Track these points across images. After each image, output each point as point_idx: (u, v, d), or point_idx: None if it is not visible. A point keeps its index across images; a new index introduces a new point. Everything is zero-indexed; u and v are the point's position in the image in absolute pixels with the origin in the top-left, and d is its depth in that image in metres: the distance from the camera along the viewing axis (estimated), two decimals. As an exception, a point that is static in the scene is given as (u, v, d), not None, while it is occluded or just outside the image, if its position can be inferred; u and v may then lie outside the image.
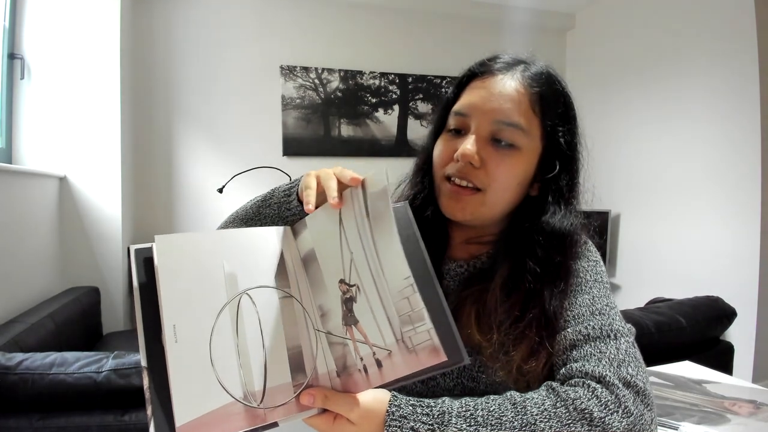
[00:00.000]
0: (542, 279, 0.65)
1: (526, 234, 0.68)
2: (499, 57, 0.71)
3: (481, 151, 0.66)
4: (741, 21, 2.49)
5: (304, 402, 0.50)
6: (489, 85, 0.68)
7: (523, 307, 0.64)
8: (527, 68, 0.69)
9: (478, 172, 0.66)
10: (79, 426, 1.11)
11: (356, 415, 0.50)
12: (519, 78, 0.68)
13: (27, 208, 2.10)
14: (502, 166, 0.66)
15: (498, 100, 0.66)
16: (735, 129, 2.54)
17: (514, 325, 0.63)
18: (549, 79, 0.69)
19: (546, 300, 0.63)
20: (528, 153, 0.68)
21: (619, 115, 3.29)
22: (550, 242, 0.67)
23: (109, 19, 2.49)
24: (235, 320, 0.51)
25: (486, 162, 0.66)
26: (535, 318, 0.63)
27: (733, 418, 0.82)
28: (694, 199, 2.77)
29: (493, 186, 0.67)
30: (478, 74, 0.70)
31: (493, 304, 0.65)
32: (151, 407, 0.45)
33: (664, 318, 1.63)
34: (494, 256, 0.72)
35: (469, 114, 0.68)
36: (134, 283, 0.50)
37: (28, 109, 2.34)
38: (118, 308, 2.58)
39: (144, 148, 2.96)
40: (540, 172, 0.70)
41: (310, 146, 3.30)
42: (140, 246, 0.51)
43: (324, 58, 3.30)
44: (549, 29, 3.72)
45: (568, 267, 0.67)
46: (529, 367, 0.61)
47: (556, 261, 0.66)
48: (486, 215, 0.70)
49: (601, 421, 0.50)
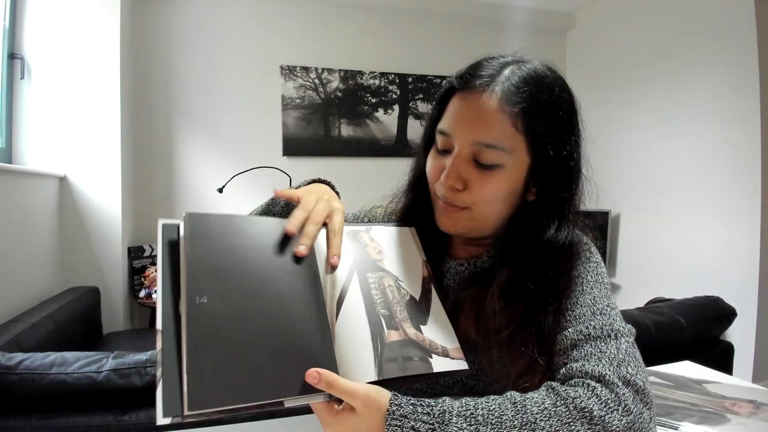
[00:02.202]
0: (538, 296, 0.65)
1: (522, 245, 0.68)
2: (480, 68, 0.67)
3: (464, 172, 0.66)
4: (741, 21, 2.49)
5: (309, 380, 0.50)
6: (469, 104, 0.66)
7: (520, 322, 0.64)
8: (512, 75, 0.65)
9: (461, 194, 0.67)
10: (79, 426, 1.11)
11: (359, 403, 0.50)
12: (499, 93, 0.64)
13: (27, 208, 2.10)
14: (485, 186, 0.66)
15: (477, 120, 0.65)
16: (735, 129, 2.55)
17: (511, 340, 0.64)
18: (535, 86, 0.65)
19: (542, 319, 0.64)
20: (513, 168, 0.66)
21: (619, 115, 3.29)
22: (544, 257, 0.66)
23: (109, 19, 2.49)
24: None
25: (468, 183, 0.66)
26: (531, 336, 0.63)
27: (733, 418, 0.82)
28: (694, 199, 2.78)
29: (478, 204, 0.67)
30: (458, 89, 0.68)
31: (491, 311, 0.66)
32: (161, 369, 0.46)
33: (664, 318, 1.63)
34: (493, 259, 0.72)
35: (451, 134, 0.67)
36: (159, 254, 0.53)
37: (28, 109, 2.34)
38: (118, 308, 2.58)
39: (144, 148, 2.96)
40: (533, 180, 0.68)
41: (310, 146, 3.30)
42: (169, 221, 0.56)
43: (324, 58, 3.30)
44: (549, 29, 3.72)
45: (561, 281, 0.66)
46: (524, 381, 0.62)
47: (550, 277, 0.66)
48: (479, 228, 0.70)
49: (601, 419, 0.50)
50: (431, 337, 0.60)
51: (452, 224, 0.70)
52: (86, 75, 2.46)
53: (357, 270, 0.63)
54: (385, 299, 0.61)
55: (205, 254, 0.52)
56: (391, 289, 0.63)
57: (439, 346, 0.59)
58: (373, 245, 0.67)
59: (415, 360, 0.56)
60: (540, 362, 0.62)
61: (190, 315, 0.48)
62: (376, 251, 0.67)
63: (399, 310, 0.61)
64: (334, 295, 0.58)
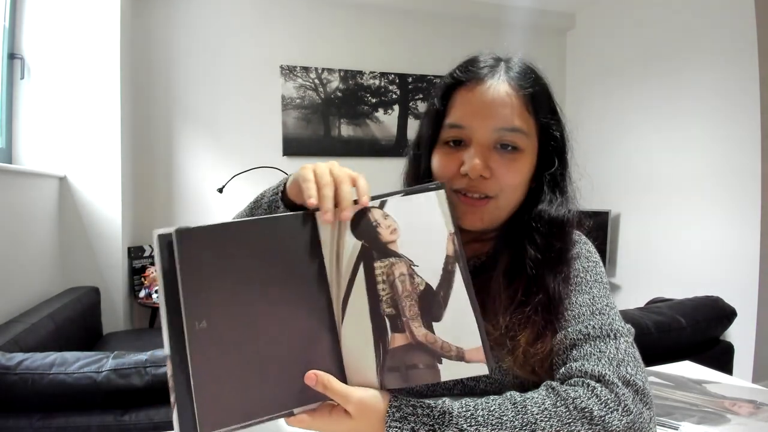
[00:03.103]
0: (544, 264, 0.66)
1: (525, 223, 0.70)
2: (478, 60, 0.71)
3: (488, 160, 0.67)
4: (741, 21, 2.49)
5: (307, 381, 0.50)
6: (481, 93, 0.67)
7: (527, 292, 0.65)
8: (509, 67, 0.70)
9: (488, 182, 0.67)
10: (79, 426, 1.11)
11: (353, 407, 0.50)
12: (506, 80, 0.68)
13: (27, 208, 2.10)
14: (510, 171, 0.67)
15: (495, 107, 0.66)
16: (735, 129, 2.55)
17: (519, 309, 0.64)
18: (534, 75, 0.70)
19: (549, 284, 0.65)
20: (529, 152, 0.69)
21: (620, 114, 3.29)
22: (549, 229, 0.69)
23: (109, 19, 2.49)
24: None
25: (494, 170, 0.67)
26: (540, 302, 0.64)
27: (733, 418, 0.82)
28: (694, 199, 2.77)
29: (505, 191, 0.68)
30: (463, 82, 0.69)
31: (497, 290, 0.66)
32: (174, 395, 0.47)
33: (664, 318, 1.63)
34: (496, 248, 0.73)
35: (467, 125, 0.67)
36: (158, 271, 0.50)
37: (28, 109, 2.34)
38: (118, 308, 2.58)
39: (144, 148, 2.96)
40: (537, 166, 0.71)
41: (310, 146, 3.30)
42: (164, 230, 0.50)
43: (324, 58, 3.30)
44: (549, 29, 3.72)
45: (567, 253, 0.69)
46: (535, 350, 0.62)
47: (557, 247, 0.68)
48: (500, 218, 0.71)
49: (601, 419, 0.50)
50: (444, 337, 0.52)
51: (479, 219, 0.69)
52: (86, 75, 2.45)
53: (364, 260, 0.55)
54: (394, 294, 0.53)
55: (201, 275, 0.49)
56: (402, 279, 0.54)
57: (453, 348, 0.51)
58: (387, 223, 0.56)
59: (420, 368, 0.51)
60: (551, 327, 0.63)
61: (191, 341, 0.48)
62: (390, 230, 0.56)
63: (408, 306, 0.53)
64: (339, 295, 0.54)
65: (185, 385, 0.47)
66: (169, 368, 0.47)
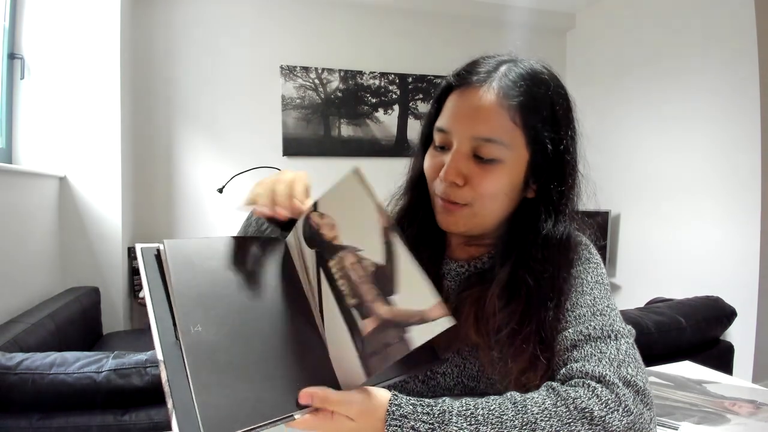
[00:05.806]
0: (537, 294, 0.65)
1: (522, 242, 0.68)
2: (477, 65, 0.68)
3: (464, 168, 0.66)
4: (741, 21, 2.49)
5: (303, 401, 0.49)
6: (467, 100, 0.66)
7: (521, 320, 0.64)
8: (509, 71, 0.67)
9: (462, 190, 0.66)
10: (79, 426, 1.11)
11: (355, 411, 0.50)
12: (496, 89, 0.65)
13: (27, 208, 2.10)
14: (485, 181, 0.66)
15: (476, 115, 0.65)
16: (735, 129, 2.55)
17: (512, 338, 0.64)
18: (532, 81, 0.66)
19: (542, 317, 0.64)
20: (513, 163, 0.66)
21: (620, 115, 3.29)
22: (543, 253, 0.67)
23: (109, 19, 2.49)
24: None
25: (469, 178, 0.66)
26: (532, 333, 0.63)
27: (733, 418, 0.82)
28: (695, 199, 2.77)
29: (480, 200, 0.67)
30: (455, 86, 0.69)
31: (491, 310, 0.66)
32: (171, 400, 0.46)
33: (664, 318, 1.63)
34: (494, 260, 0.72)
35: (450, 130, 0.67)
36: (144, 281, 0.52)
37: (28, 109, 2.34)
38: (118, 308, 2.58)
39: (144, 148, 2.96)
40: (533, 176, 0.69)
41: (310, 146, 3.30)
42: (147, 245, 0.54)
43: (324, 58, 3.30)
44: (549, 29, 3.72)
45: (560, 277, 0.66)
46: (526, 379, 0.62)
47: (549, 273, 0.66)
48: (480, 225, 0.70)
49: (602, 419, 0.50)
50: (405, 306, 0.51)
51: (453, 222, 0.69)
52: (86, 75, 2.45)
53: (321, 264, 0.57)
54: (350, 285, 0.54)
55: (192, 283, 0.53)
56: (354, 268, 0.54)
57: (415, 314, 0.50)
58: (325, 222, 0.58)
59: (393, 344, 0.50)
60: (541, 359, 0.62)
61: (188, 345, 0.48)
62: (329, 228, 0.57)
63: (367, 290, 0.53)
64: (315, 304, 0.57)
65: (184, 389, 0.47)
66: (163, 373, 0.47)
